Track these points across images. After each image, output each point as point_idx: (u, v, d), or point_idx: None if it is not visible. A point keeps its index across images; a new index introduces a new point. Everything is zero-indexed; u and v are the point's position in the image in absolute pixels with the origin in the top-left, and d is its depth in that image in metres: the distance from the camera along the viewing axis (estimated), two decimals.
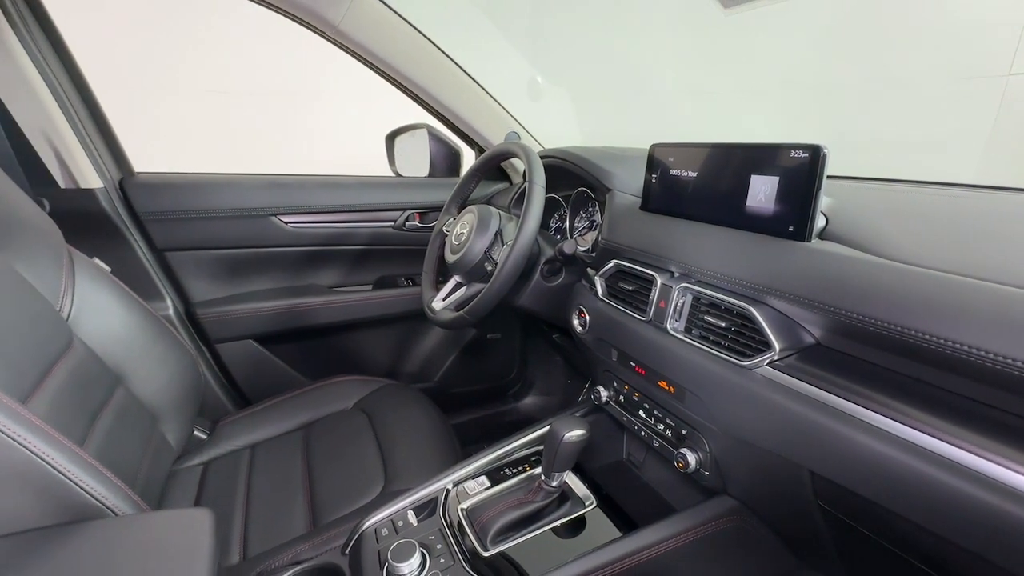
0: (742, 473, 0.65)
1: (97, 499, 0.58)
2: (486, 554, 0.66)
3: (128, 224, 1.13)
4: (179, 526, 0.57)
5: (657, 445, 0.77)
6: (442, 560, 0.65)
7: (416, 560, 0.63)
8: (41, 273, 0.81)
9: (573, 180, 1.10)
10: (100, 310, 0.88)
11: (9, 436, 0.52)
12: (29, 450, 0.54)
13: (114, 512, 0.59)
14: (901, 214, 0.63)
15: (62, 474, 0.56)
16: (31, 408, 0.62)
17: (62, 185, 1.04)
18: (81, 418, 0.75)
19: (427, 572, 0.63)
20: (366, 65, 1.19)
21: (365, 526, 0.73)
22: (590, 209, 1.13)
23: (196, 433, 1.07)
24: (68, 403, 0.73)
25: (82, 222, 1.05)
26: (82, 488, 0.57)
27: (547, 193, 1.23)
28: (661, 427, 0.76)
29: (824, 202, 0.66)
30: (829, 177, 0.85)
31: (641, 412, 0.80)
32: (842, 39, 1.42)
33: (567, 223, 1.17)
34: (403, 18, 1.15)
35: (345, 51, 1.15)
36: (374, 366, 1.45)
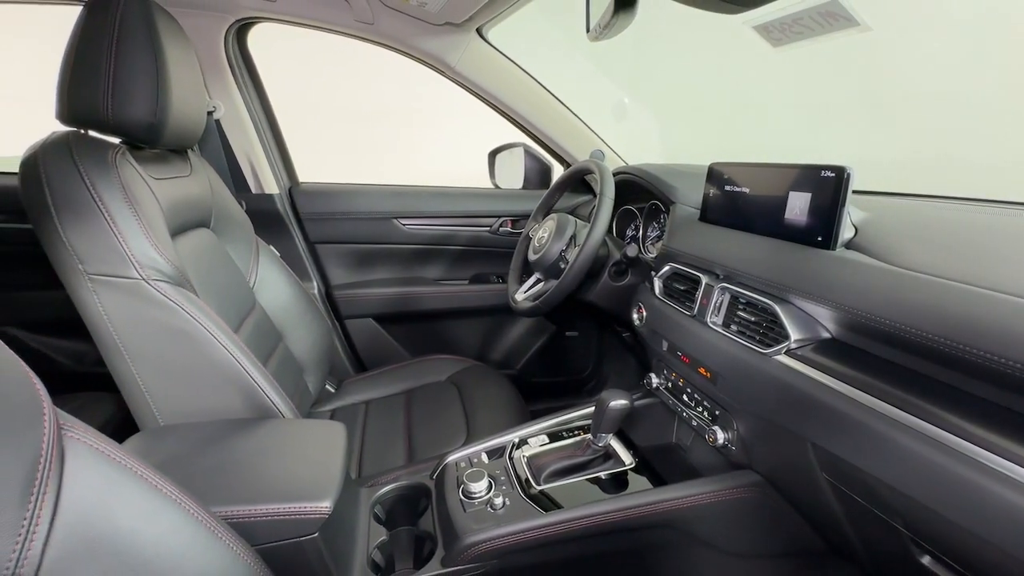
0: (762, 448, 0.75)
1: (274, 404, 0.84)
2: (537, 488, 0.83)
3: (292, 221, 1.48)
4: (325, 429, 0.81)
5: (695, 424, 0.88)
6: (504, 488, 0.83)
7: (484, 483, 0.81)
8: (240, 253, 1.13)
9: (647, 194, 1.23)
10: (272, 284, 1.19)
11: (229, 352, 0.80)
12: (239, 363, 0.81)
13: (283, 415, 0.85)
14: (924, 228, 0.69)
15: (256, 384, 0.83)
16: None
17: (253, 190, 1.41)
18: (260, 359, 1.04)
19: (492, 493, 0.80)
20: (475, 96, 1.43)
21: (448, 459, 0.93)
22: (661, 220, 1.24)
23: (327, 387, 1.36)
24: (252, 347, 1.03)
25: (263, 218, 1.40)
26: (266, 395, 0.83)
27: (624, 205, 1.38)
28: (699, 409, 0.87)
29: (857, 215, 0.74)
30: (875, 193, 0.90)
31: (684, 396, 0.92)
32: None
33: (640, 232, 1.30)
34: (507, 57, 1.38)
35: (460, 86, 1.40)
36: (466, 349, 1.68)
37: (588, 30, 0.80)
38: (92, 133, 0.82)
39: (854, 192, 0.70)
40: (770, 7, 0.72)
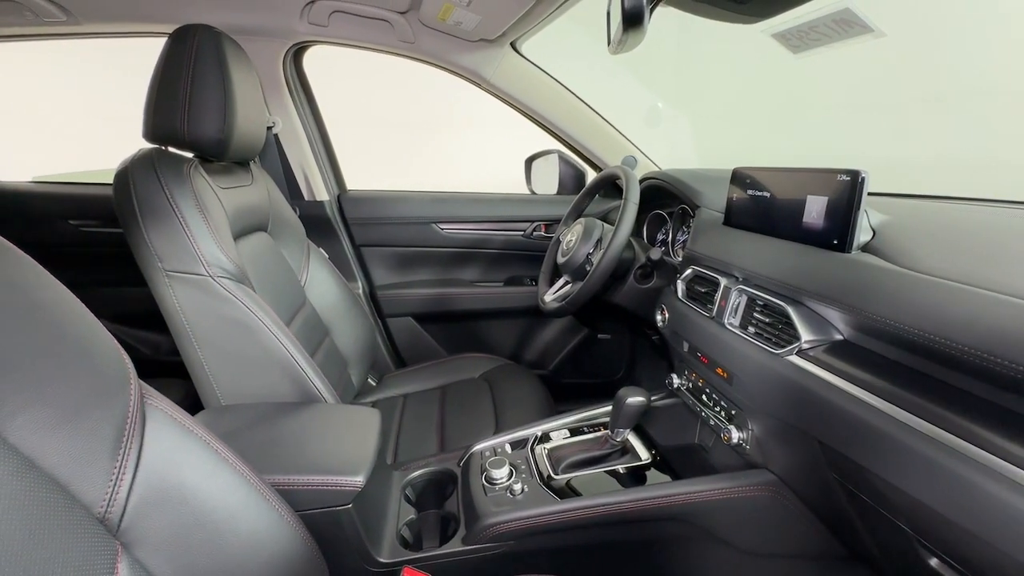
0: (776, 448, 0.76)
1: (318, 391, 0.93)
2: (556, 478, 0.87)
3: (340, 226, 1.59)
4: (362, 414, 0.89)
5: (713, 424, 0.90)
6: (524, 476, 0.88)
7: (506, 471, 0.87)
8: (293, 255, 1.25)
9: (675, 198, 1.25)
10: (321, 283, 1.30)
11: (281, 343, 0.90)
12: (289, 353, 0.91)
13: (326, 401, 0.94)
14: (943, 230, 0.68)
15: (304, 372, 0.92)
16: None
17: (306, 197, 1.53)
18: (308, 351, 1.14)
19: (512, 480, 0.86)
20: (510, 106, 1.49)
21: (474, 449, 0.99)
22: (689, 224, 1.26)
23: (369, 380, 1.45)
24: (302, 340, 1.13)
25: (314, 222, 1.52)
26: (312, 383, 0.93)
27: (655, 210, 1.40)
28: (717, 409, 0.89)
29: (876, 218, 0.74)
30: (897, 196, 0.89)
31: (703, 396, 0.93)
32: None
33: (670, 235, 1.32)
34: (541, 68, 1.44)
35: (496, 98, 1.47)
36: (499, 348, 1.74)
37: (608, 43, 0.85)
38: (171, 149, 0.94)
39: (876, 195, 0.70)
40: (786, 16, 0.75)
